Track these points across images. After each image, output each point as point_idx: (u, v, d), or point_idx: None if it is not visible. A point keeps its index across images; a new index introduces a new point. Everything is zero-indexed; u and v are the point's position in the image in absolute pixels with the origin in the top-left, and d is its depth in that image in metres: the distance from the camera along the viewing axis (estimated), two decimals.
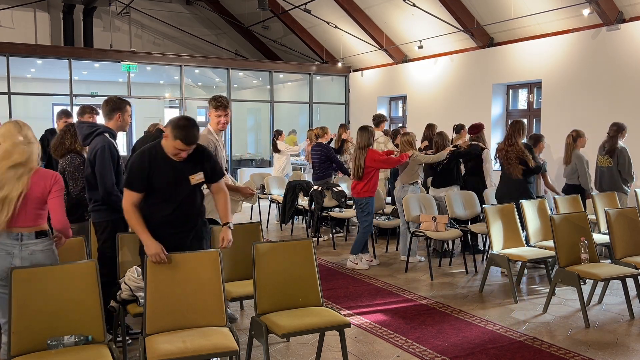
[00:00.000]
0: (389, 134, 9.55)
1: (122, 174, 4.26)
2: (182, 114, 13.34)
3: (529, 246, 5.88)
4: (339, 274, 6.52)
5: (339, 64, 14.81)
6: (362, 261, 6.76)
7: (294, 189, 8.67)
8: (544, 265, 6.00)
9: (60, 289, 3.11)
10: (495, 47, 10.87)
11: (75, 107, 11.45)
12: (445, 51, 11.94)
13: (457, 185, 7.33)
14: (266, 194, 9.71)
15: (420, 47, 11.91)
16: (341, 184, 8.69)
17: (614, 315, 5.04)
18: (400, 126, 11.64)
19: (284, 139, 10.80)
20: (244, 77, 16.06)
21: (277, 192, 9.47)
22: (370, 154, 6.61)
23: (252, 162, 15.97)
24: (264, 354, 3.39)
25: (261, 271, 3.63)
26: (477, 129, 7.62)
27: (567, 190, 7.04)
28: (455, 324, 4.80)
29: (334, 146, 9.21)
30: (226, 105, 4.61)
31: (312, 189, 8.26)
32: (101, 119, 5.13)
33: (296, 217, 9.66)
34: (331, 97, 15.72)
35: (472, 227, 6.93)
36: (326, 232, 8.85)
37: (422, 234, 6.46)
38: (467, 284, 6.07)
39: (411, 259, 6.94)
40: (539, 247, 5.81)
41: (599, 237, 6.16)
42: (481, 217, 7.13)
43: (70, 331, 3.07)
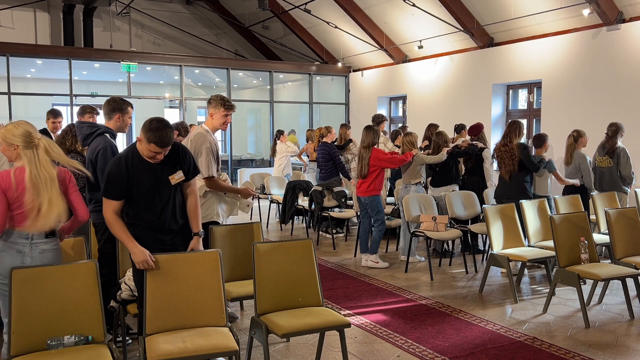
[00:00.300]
0: (387, 134, 9.55)
1: None
2: (182, 114, 13.37)
3: (529, 246, 5.89)
4: (339, 274, 6.52)
5: (339, 64, 14.81)
6: (368, 261, 6.77)
7: (294, 189, 8.67)
8: (543, 265, 6.00)
9: (60, 289, 3.11)
10: (495, 47, 10.87)
11: (75, 107, 11.46)
12: (445, 51, 11.94)
13: (456, 184, 7.33)
14: (266, 194, 9.71)
15: (420, 47, 11.92)
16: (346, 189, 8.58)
17: (614, 315, 5.04)
18: (400, 126, 11.63)
19: (285, 140, 10.80)
20: (244, 77, 16.06)
21: (277, 192, 9.47)
22: (374, 153, 6.61)
23: (252, 162, 15.99)
24: (264, 354, 3.39)
25: (261, 271, 3.63)
26: (477, 130, 7.62)
27: (569, 190, 7.03)
28: (455, 324, 4.80)
29: (337, 144, 9.20)
30: (233, 106, 4.63)
31: (312, 189, 8.26)
32: (101, 119, 5.12)
33: (296, 217, 9.65)
34: (331, 97, 15.72)
35: (472, 227, 6.93)
36: (326, 232, 8.85)
37: (422, 234, 6.46)
38: (467, 284, 6.07)
39: (411, 259, 6.94)
40: (539, 247, 5.81)
41: (599, 237, 6.16)
42: (481, 217, 7.13)
43: (70, 331, 3.07)
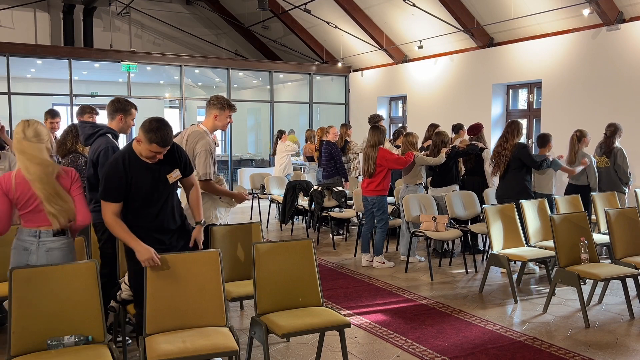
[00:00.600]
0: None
1: None
2: (182, 114, 13.37)
3: (529, 246, 5.89)
4: (339, 274, 6.52)
5: (339, 64, 14.81)
6: (374, 262, 6.77)
7: (294, 189, 8.67)
8: (544, 265, 6.00)
9: (60, 289, 3.11)
10: (495, 47, 10.87)
11: (75, 107, 11.45)
12: (445, 51, 11.94)
13: (456, 184, 7.33)
14: (266, 194, 9.71)
15: (420, 47, 11.92)
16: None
17: (614, 315, 5.04)
18: (400, 126, 11.62)
19: (286, 140, 10.79)
20: (244, 77, 16.07)
21: (277, 192, 9.47)
22: (381, 152, 6.60)
23: (252, 162, 15.99)
24: (264, 354, 3.39)
25: (261, 271, 3.63)
26: (476, 130, 7.62)
27: (571, 190, 7.01)
28: (455, 324, 4.80)
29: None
30: (235, 106, 4.63)
31: (312, 189, 8.26)
32: (101, 119, 5.12)
33: (296, 217, 9.66)
34: (331, 97, 15.72)
35: (472, 227, 6.93)
36: (326, 233, 8.86)
37: (422, 234, 6.46)
38: (467, 284, 6.07)
39: (411, 259, 6.94)
40: (539, 247, 5.81)
41: (599, 237, 6.16)
42: (481, 217, 7.13)
43: (70, 331, 3.07)
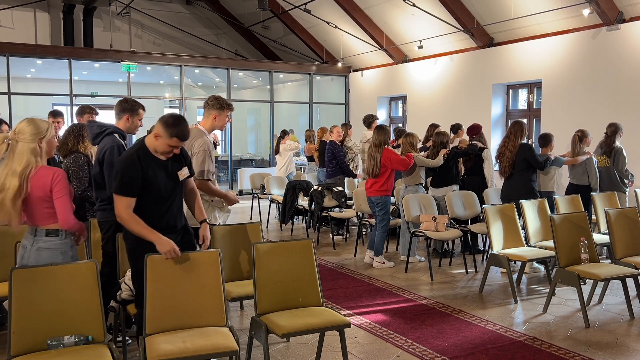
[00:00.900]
0: None
1: None
2: (182, 114, 13.37)
3: (529, 246, 5.89)
4: (339, 274, 6.52)
5: (339, 64, 14.81)
6: (374, 262, 6.76)
7: (294, 189, 8.67)
8: (543, 265, 6.00)
9: (60, 289, 3.11)
10: (495, 47, 10.87)
11: (75, 107, 11.45)
12: (445, 51, 11.94)
13: (456, 184, 7.33)
14: (266, 194, 9.71)
15: (420, 47, 11.92)
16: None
17: (614, 315, 5.04)
18: (399, 127, 11.63)
19: (288, 139, 10.77)
20: (244, 77, 16.07)
21: (277, 192, 9.47)
22: (386, 153, 6.59)
23: (252, 162, 15.99)
24: (264, 354, 3.39)
25: (261, 271, 3.63)
26: (476, 130, 7.62)
27: (572, 190, 7.00)
28: (455, 324, 4.80)
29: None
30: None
31: (312, 189, 8.26)
32: (100, 119, 5.12)
33: (296, 217, 9.65)
34: (331, 97, 15.72)
35: (472, 227, 6.92)
36: (326, 233, 8.86)
37: (422, 234, 6.46)
38: (467, 284, 6.07)
39: (411, 259, 6.94)
40: (539, 247, 5.81)
41: (599, 237, 6.15)
42: (481, 217, 7.12)
43: (70, 331, 3.07)
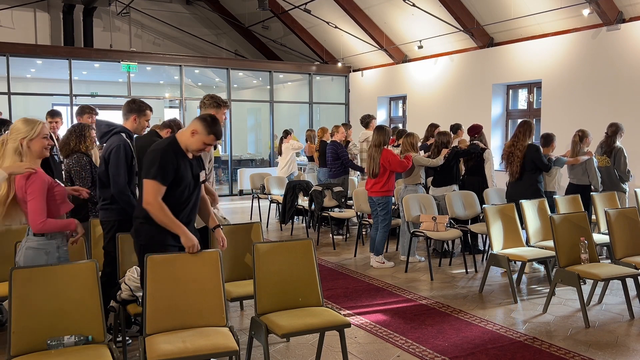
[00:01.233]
0: None
1: (135, 174, 4.25)
2: (182, 114, 13.36)
3: (529, 246, 5.89)
4: (339, 274, 6.52)
5: (339, 64, 14.81)
6: (375, 262, 6.77)
7: (294, 189, 8.67)
8: (543, 265, 6.00)
9: (60, 289, 3.11)
10: (495, 47, 10.87)
11: (75, 107, 11.45)
12: (445, 51, 11.94)
13: (457, 184, 7.33)
14: (266, 194, 9.71)
15: (420, 47, 11.92)
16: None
17: (614, 315, 5.04)
18: (399, 126, 11.63)
19: (290, 140, 10.77)
20: (244, 77, 16.06)
21: (277, 192, 9.47)
22: (385, 154, 6.59)
23: (252, 162, 15.99)
24: (264, 354, 3.39)
25: (261, 271, 3.63)
26: (476, 130, 7.63)
27: (572, 190, 7.00)
28: (455, 324, 4.80)
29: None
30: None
31: (312, 189, 8.26)
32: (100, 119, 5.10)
33: (296, 217, 9.65)
34: (331, 97, 15.72)
35: (472, 227, 6.92)
36: (326, 233, 8.86)
37: (422, 234, 6.46)
38: (467, 284, 6.07)
39: (411, 259, 6.94)
40: (539, 247, 5.81)
41: (599, 237, 6.15)
42: (481, 217, 7.12)
43: (70, 331, 3.07)
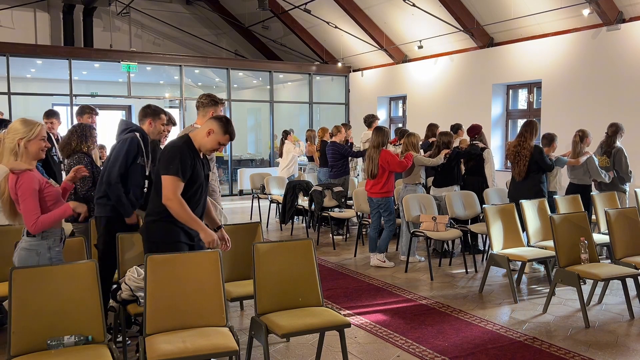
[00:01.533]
0: None
1: (138, 173, 4.25)
2: (182, 114, 13.37)
3: (529, 246, 5.89)
4: (339, 274, 6.52)
5: (339, 64, 14.81)
6: (376, 260, 6.77)
7: (294, 189, 8.67)
8: (543, 265, 6.00)
9: (60, 289, 3.11)
10: (495, 47, 10.87)
11: (75, 107, 11.44)
12: (445, 51, 11.94)
13: (458, 184, 7.34)
14: (266, 194, 9.71)
15: (420, 47, 11.92)
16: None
17: (614, 315, 5.04)
18: (400, 126, 11.63)
19: (291, 140, 10.77)
20: (244, 77, 16.06)
21: (277, 192, 9.47)
22: (383, 154, 6.59)
23: (252, 162, 15.98)
24: (264, 354, 3.39)
25: (261, 271, 3.63)
26: (476, 130, 7.63)
27: (572, 190, 7.00)
28: (455, 324, 4.80)
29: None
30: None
31: (312, 189, 8.26)
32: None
33: (296, 217, 9.66)
34: (331, 97, 15.72)
35: (472, 227, 6.92)
36: (326, 233, 8.86)
37: (422, 234, 6.46)
38: (467, 284, 6.07)
39: (411, 259, 6.94)
40: (539, 247, 5.81)
41: (599, 237, 6.15)
42: (481, 217, 7.12)
43: (70, 331, 3.07)
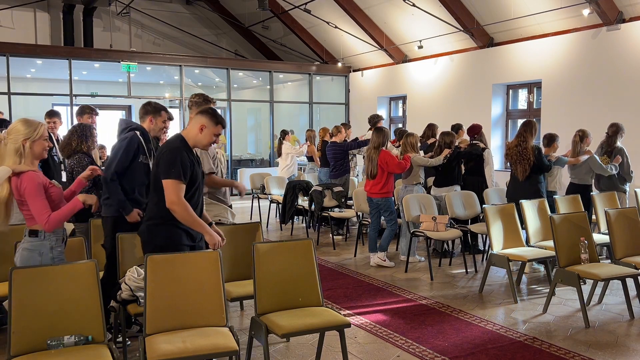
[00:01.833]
0: None
1: (141, 171, 4.25)
2: (182, 114, 13.37)
3: (529, 246, 5.89)
4: (339, 274, 6.52)
5: (339, 64, 14.81)
6: (376, 259, 6.77)
7: (294, 189, 8.67)
8: (543, 265, 6.00)
9: (60, 289, 3.11)
10: (495, 47, 10.87)
11: (75, 107, 11.44)
12: (445, 51, 11.94)
13: (458, 184, 7.34)
14: (266, 194, 9.71)
15: (420, 47, 11.92)
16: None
17: (614, 315, 5.04)
18: (399, 127, 11.63)
19: (289, 140, 10.78)
20: (244, 77, 16.06)
21: (277, 192, 9.47)
22: (382, 155, 6.59)
23: (252, 162, 15.97)
24: (264, 354, 3.39)
25: (261, 271, 3.63)
26: (476, 130, 7.64)
27: (573, 190, 7.00)
28: (455, 324, 4.80)
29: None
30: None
31: (312, 189, 8.27)
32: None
33: (296, 217, 9.66)
34: (331, 97, 15.71)
35: (472, 227, 6.92)
36: (326, 233, 8.86)
37: (422, 234, 6.46)
38: (467, 284, 6.07)
39: (411, 259, 6.94)
40: (539, 247, 5.81)
41: (599, 237, 6.15)
42: (481, 217, 7.12)
43: (70, 331, 3.07)
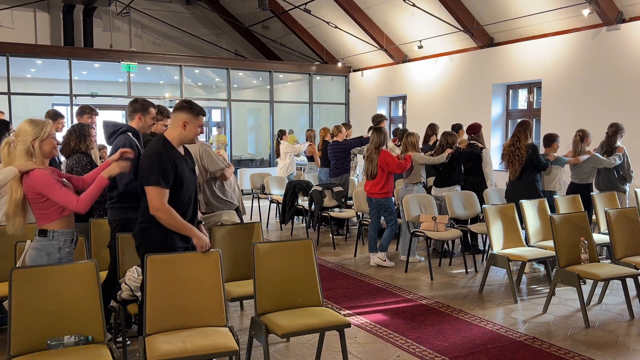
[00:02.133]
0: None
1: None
2: None
3: (529, 246, 5.89)
4: (339, 274, 6.52)
5: (339, 64, 14.81)
6: (376, 258, 6.77)
7: (294, 189, 8.68)
8: (543, 265, 6.00)
9: (60, 289, 3.11)
10: (495, 47, 10.87)
11: (75, 107, 11.44)
12: (445, 51, 11.94)
13: (459, 185, 7.34)
14: (266, 194, 9.71)
15: (420, 47, 11.92)
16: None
17: (614, 315, 5.04)
18: (399, 127, 11.63)
19: (287, 140, 10.80)
20: (244, 77, 16.06)
21: (277, 192, 9.48)
22: (383, 155, 6.59)
23: (252, 162, 15.97)
24: (264, 354, 3.39)
25: (261, 271, 3.63)
26: (475, 129, 7.64)
27: (573, 189, 7.00)
28: (455, 324, 4.80)
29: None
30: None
31: (312, 189, 8.27)
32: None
33: (296, 217, 9.66)
34: (331, 97, 15.71)
35: (472, 227, 6.93)
36: (326, 233, 8.86)
37: (422, 234, 6.46)
38: (467, 284, 6.07)
39: (411, 259, 6.94)
40: (539, 247, 5.81)
41: (599, 237, 6.16)
42: (481, 217, 7.13)
43: (70, 331, 3.07)
